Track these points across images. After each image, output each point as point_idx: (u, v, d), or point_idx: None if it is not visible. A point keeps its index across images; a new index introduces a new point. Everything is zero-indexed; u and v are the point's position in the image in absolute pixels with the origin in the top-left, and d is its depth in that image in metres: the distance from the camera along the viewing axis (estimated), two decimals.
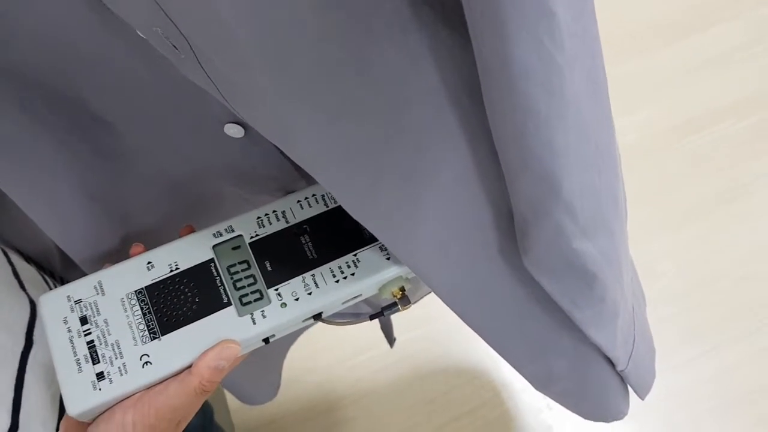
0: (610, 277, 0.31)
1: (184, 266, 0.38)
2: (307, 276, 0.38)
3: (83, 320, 0.36)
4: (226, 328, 0.36)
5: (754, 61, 1.25)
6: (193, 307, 0.37)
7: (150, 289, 0.37)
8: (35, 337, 0.40)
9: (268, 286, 0.38)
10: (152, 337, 0.36)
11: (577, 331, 0.33)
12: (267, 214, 0.40)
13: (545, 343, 0.36)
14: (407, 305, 0.39)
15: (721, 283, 1.05)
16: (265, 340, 0.38)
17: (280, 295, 0.37)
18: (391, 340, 0.71)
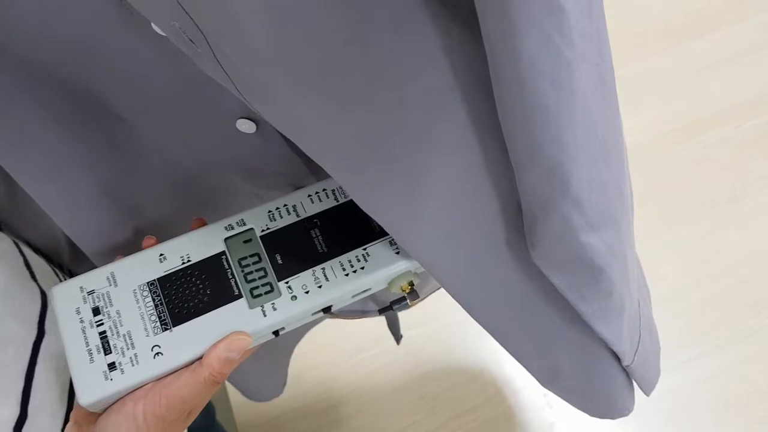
0: (617, 270, 0.31)
1: (195, 258, 0.38)
2: (318, 269, 0.38)
3: (96, 311, 0.37)
4: (237, 320, 0.37)
5: (758, 65, 1.26)
6: (205, 299, 0.37)
7: (162, 280, 0.38)
8: (47, 327, 0.40)
9: (279, 279, 0.38)
10: (164, 329, 0.36)
11: (584, 325, 0.33)
12: (278, 208, 0.40)
13: (552, 337, 0.36)
14: (416, 300, 0.39)
15: (722, 283, 1.06)
16: (275, 333, 0.38)
17: (290, 288, 0.38)
18: (397, 337, 0.71)
